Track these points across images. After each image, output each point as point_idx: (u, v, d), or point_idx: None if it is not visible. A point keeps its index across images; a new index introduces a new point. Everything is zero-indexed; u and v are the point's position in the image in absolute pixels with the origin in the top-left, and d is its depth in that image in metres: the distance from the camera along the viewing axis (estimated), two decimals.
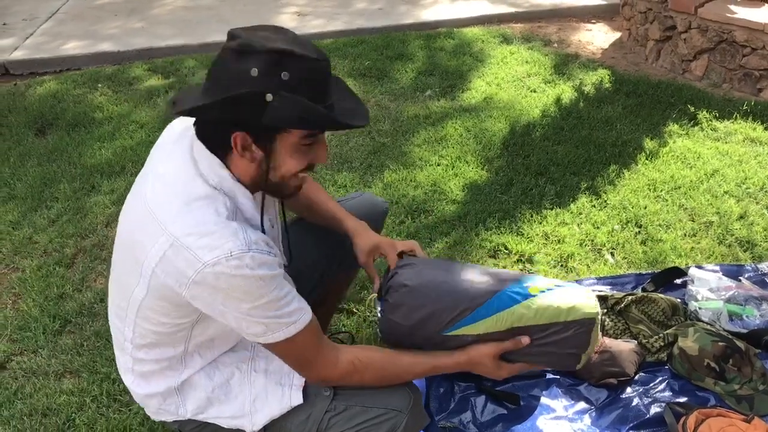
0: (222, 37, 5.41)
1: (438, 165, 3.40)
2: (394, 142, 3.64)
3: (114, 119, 4.04)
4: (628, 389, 2.13)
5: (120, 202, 3.21)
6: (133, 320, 1.46)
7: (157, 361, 1.50)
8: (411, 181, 3.27)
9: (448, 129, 3.75)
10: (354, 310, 2.46)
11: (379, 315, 1.87)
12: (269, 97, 1.24)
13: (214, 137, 1.35)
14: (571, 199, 3.10)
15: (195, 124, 1.40)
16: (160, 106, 4.21)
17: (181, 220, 1.29)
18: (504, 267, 2.68)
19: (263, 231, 1.42)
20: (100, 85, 4.54)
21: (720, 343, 2.14)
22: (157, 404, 1.55)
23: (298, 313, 1.39)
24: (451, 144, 3.60)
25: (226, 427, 1.55)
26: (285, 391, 1.52)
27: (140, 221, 1.36)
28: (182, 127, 1.46)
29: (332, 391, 1.52)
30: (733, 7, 4.12)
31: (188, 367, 1.52)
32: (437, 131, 3.74)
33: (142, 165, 3.51)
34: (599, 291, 2.50)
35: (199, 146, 1.37)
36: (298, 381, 1.51)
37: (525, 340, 1.71)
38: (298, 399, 1.51)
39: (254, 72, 1.23)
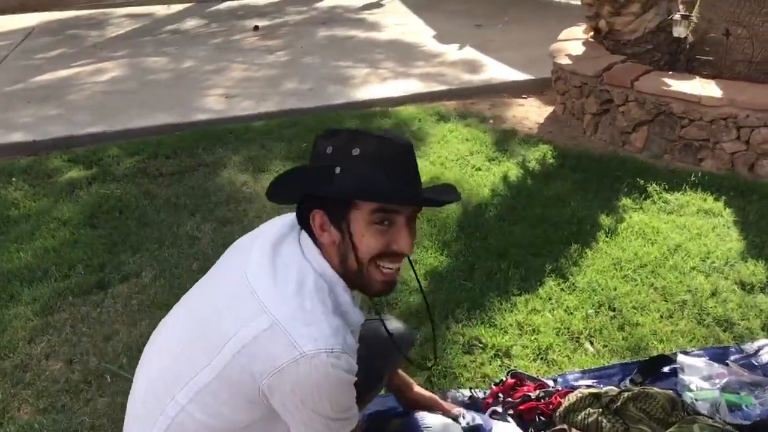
0: (146, 122, 5.18)
1: None
2: None
3: (32, 217, 3.68)
4: None
5: (44, 312, 2.85)
6: (181, 406, 1.33)
7: None
8: None
9: None
10: None
11: None
12: (338, 170, 1.31)
13: (302, 218, 1.39)
14: (538, 283, 2.95)
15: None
16: (83, 199, 3.87)
17: (287, 303, 1.27)
18: (481, 363, 2.48)
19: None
20: (14, 179, 4.17)
21: None
22: None
23: (356, 413, 1.40)
24: None
25: None
26: None
27: (234, 297, 1.32)
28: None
29: None
30: (667, 80, 4.18)
31: None
32: None
33: (68, 268, 3.18)
34: (588, 387, 2.32)
35: (305, 234, 1.40)
36: None
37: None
38: None
39: (329, 150, 1.33)
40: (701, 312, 2.75)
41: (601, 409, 2.19)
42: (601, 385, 2.37)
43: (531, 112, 5.26)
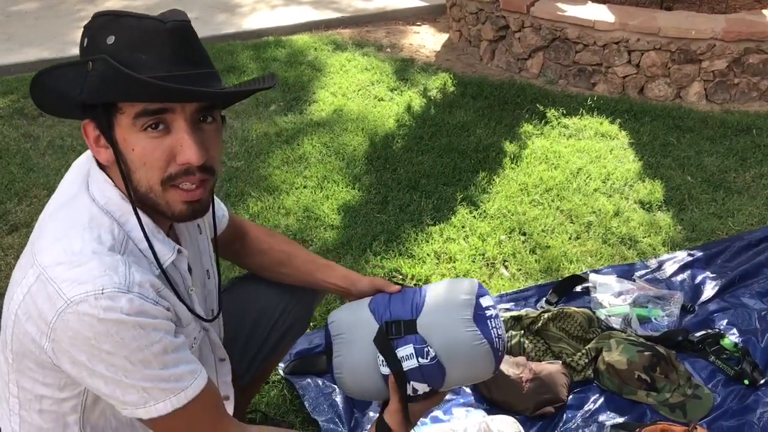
0: (16, 59, 4.76)
1: (305, 187, 3.14)
2: (249, 166, 3.31)
3: None
4: (565, 416, 2.03)
5: None
6: (15, 412, 1.16)
7: None
8: (280, 208, 2.97)
9: (305, 146, 3.48)
10: None
11: None
12: (90, 65, 1.04)
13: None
14: (450, 212, 2.97)
15: None
16: None
17: (53, 246, 1.06)
18: None
19: (164, 272, 1.15)
20: None
21: (646, 353, 2.10)
22: None
23: (190, 377, 1.10)
24: (313, 163, 3.34)
25: None
26: None
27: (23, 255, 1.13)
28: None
29: None
30: (562, 5, 4.23)
31: None
32: (294, 150, 3.46)
33: None
34: (508, 311, 2.39)
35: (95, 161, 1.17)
36: None
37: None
38: None
39: (84, 41, 1.08)
40: (606, 232, 2.86)
41: (522, 331, 2.26)
42: (519, 308, 2.44)
43: (427, 40, 5.22)
